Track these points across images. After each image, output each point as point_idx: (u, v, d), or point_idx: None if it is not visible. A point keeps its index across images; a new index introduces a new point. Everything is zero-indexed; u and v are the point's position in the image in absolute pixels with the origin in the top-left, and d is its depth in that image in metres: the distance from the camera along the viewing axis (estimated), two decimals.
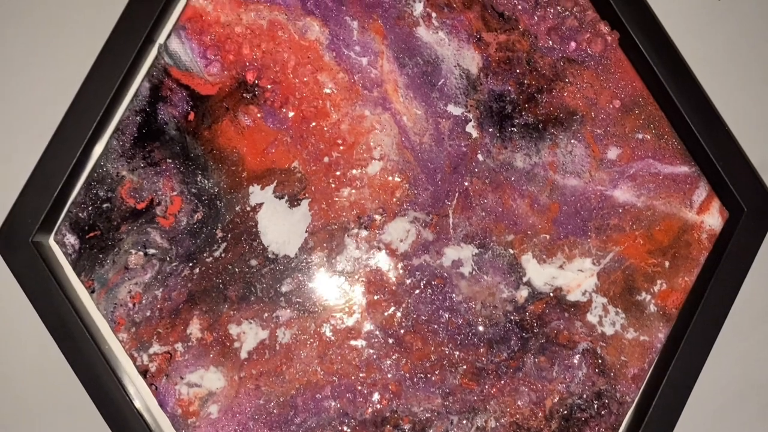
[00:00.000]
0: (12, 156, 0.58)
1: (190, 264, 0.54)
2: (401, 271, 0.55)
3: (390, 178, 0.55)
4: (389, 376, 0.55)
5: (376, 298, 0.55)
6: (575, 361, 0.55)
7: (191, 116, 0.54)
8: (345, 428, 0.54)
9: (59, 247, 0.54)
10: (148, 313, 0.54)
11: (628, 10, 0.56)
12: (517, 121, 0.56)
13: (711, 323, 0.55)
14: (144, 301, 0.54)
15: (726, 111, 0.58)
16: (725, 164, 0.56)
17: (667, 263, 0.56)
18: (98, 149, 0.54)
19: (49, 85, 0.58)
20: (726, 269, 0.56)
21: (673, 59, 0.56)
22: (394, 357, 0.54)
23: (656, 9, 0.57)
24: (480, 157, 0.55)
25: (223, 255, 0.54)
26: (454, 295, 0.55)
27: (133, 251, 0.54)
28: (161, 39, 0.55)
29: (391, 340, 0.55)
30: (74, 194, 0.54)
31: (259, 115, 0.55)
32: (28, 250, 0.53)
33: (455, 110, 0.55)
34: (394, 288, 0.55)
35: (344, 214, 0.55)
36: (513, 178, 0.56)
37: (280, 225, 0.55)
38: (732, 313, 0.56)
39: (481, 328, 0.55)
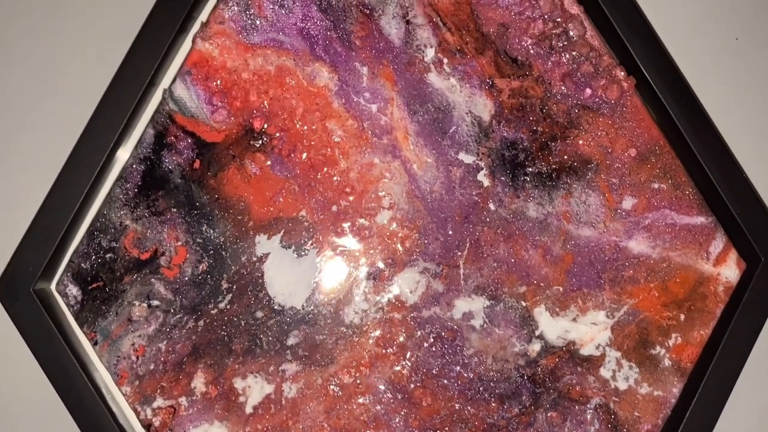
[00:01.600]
0: (13, 202, 0.57)
1: (195, 316, 0.53)
2: (410, 324, 0.54)
3: (399, 228, 0.55)
4: None
5: (384, 351, 0.54)
6: (588, 417, 0.55)
7: (197, 164, 0.54)
8: None
9: (61, 298, 0.53)
10: (151, 366, 0.53)
11: (645, 54, 0.55)
12: (530, 169, 0.55)
13: (726, 377, 0.55)
14: (148, 354, 0.53)
15: (744, 158, 0.57)
16: (743, 213, 0.55)
17: (682, 316, 0.55)
18: (101, 197, 0.54)
19: (51, 131, 0.57)
20: (742, 321, 0.55)
21: (690, 105, 0.55)
22: (403, 413, 0.54)
23: (673, 52, 0.56)
24: (492, 206, 0.55)
25: (228, 307, 0.54)
26: (464, 348, 0.54)
27: (137, 303, 0.53)
28: (165, 84, 0.54)
29: (399, 395, 0.54)
30: (76, 243, 0.53)
31: (266, 162, 0.54)
32: (30, 298, 0.53)
33: (467, 158, 0.55)
34: (403, 341, 0.54)
35: (352, 264, 0.54)
36: (525, 228, 0.55)
37: (287, 276, 0.54)
38: (747, 366, 0.55)
39: (492, 383, 0.54)
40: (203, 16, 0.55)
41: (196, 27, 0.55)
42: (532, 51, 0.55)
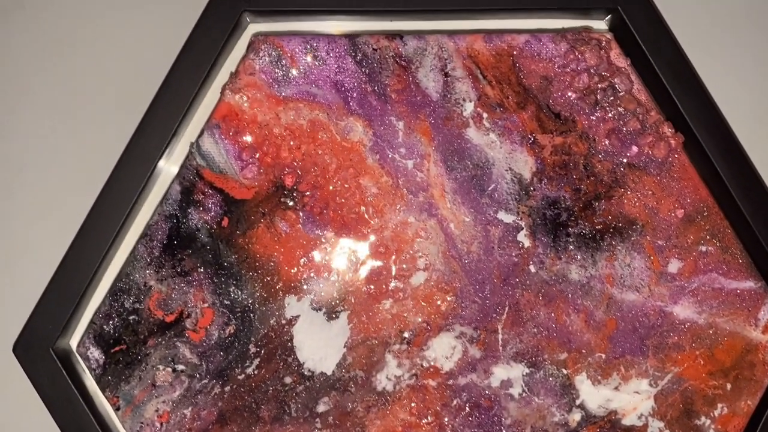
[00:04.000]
0: (33, 258, 0.56)
1: (221, 381, 0.52)
2: (446, 392, 0.53)
3: (435, 290, 0.53)
4: None
5: (418, 420, 0.53)
6: None
7: (225, 222, 0.52)
8: None
9: (83, 361, 0.52)
10: None
11: (693, 109, 0.53)
12: (572, 230, 0.53)
13: None
14: (172, 421, 0.52)
15: None
16: None
17: (728, 385, 0.54)
18: (124, 255, 0.52)
19: (72, 185, 0.56)
20: None
21: (740, 163, 0.53)
22: None
23: (723, 108, 0.55)
24: (532, 268, 0.53)
25: (255, 372, 0.52)
26: (502, 418, 0.53)
27: (161, 367, 0.52)
28: (191, 136, 0.53)
29: None
30: (98, 304, 0.52)
31: (297, 221, 0.52)
32: (49, 359, 0.52)
33: (506, 217, 0.53)
34: (438, 410, 0.53)
35: (385, 328, 0.53)
36: (567, 292, 0.53)
37: (317, 339, 0.53)
38: None
39: None
40: (230, 64, 0.54)
41: (221, 76, 0.54)
42: (576, 106, 0.53)
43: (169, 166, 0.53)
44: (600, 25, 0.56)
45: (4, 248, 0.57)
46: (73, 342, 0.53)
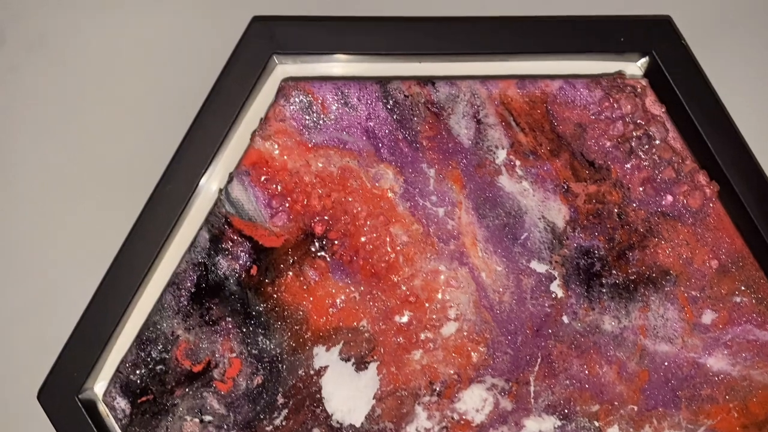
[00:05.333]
0: (57, 304, 0.55)
1: None
2: None
3: (466, 341, 0.53)
4: None
5: None
6: None
7: (254, 270, 0.52)
8: None
9: (109, 411, 0.51)
10: None
11: (729, 157, 0.53)
12: (606, 280, 0.53)
13: None
14: None
15: None
16: None
17: None
18: (150, 303, 0.52)
19: (98, 228, 0.56)
20: None
21: None
22: None
23: (759, 156, 0.54)
24: (565, 319, 0.53)
25: (283, 423, 0.52)
26: None
27: (189, 418, 0.51)
28: (221, 184, 0.52)
29: None
30: (125, 353, 0.52)
31: (327, 269, 0.52)
32: (75, 408, 0.51)
33: (539, 267, 0.53)
34: None
35: (415, 379, 0.52)
36: (600, 343, 0.53)
37: (346, 390, 0.52)
38: None
39: None
40: (258, 106, 0.53)
41: (248, 119, 0.53)
42: (610, 154, 0.53)
43: (196, 213, 0.53)
44: (633, 67, 0.55)
45: (29, 294, 0.56)
46: (98, 389, 0.53)
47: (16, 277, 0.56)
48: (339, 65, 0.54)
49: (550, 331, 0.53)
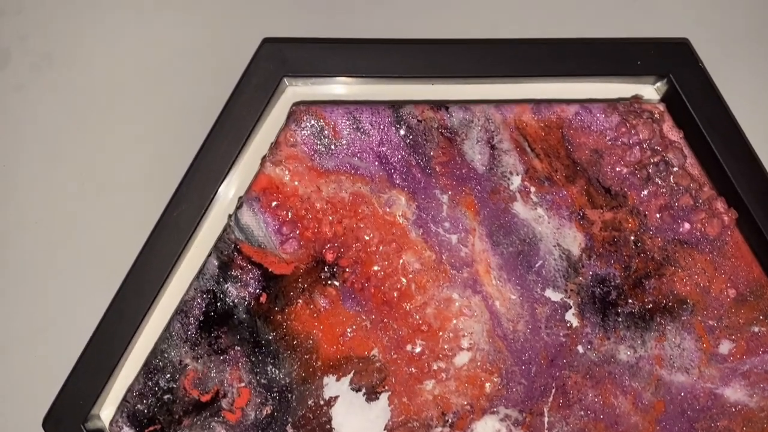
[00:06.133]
0: (64, 331, 0.55)
1: None
2: None
3: (479, 370, 0.52)
4: None
5: None
6: None
7: (263, 298, 0.51)
8: None
9: None
10: None
11: (748, 184, 0.52)
12: (621, 309, 0.52)
13: None
14: None
15: None
16: None
17: None
18: (155, 329, 0.51)
19: (105, 255, 0.55)
20: None
21: None
22: None
23: None
24: (580, 348, 0.52)
25: None
26: None
27: None
28: (231, 209, 0.51)
29: None
30: (132, 381, 0.51)
31: (337, 297, 0.51)
32: None
33: (554, 295, 0.52)
34: None
35: (427, 410, 0.52)
36: (615, 373, 0.52)
37: (356, 421, 0.51)
38: None
39: None
40: (268, 127, 0.53)
41: (258, 142, 0.52)
42: (627, 180, 0.52)
43: (205, 238, 0.52)
44: (649, 90, 0.54)
45: (35, 320, 0.56)
46: (105, 417, 0.52)
47: (22, 302, 0.56)
48: (351, 87, 0.54)
49: (564, 360, 0.52)
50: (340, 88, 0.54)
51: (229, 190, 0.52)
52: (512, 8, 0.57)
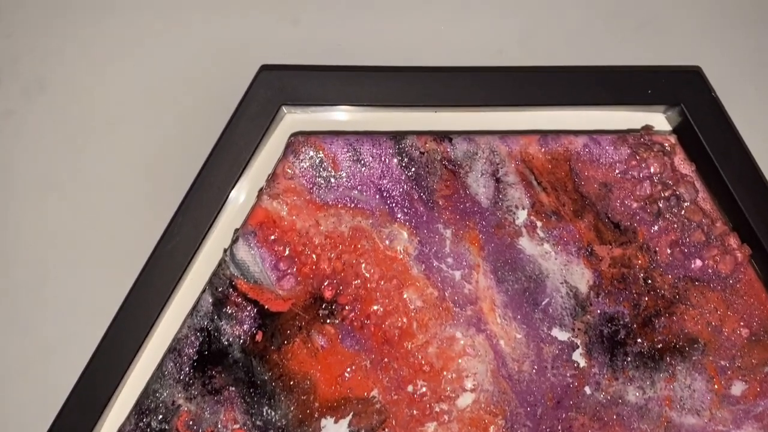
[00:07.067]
0: (52, 371, 0.53)
1: None
2: None
3: (483, 413, 0.50)
4: None
5: None
6: None
7: (259, 336, 0.49)
8: None
9: None
10: None
11: (762, 220, 0.50)
12: (630, 348, 0.50)
13: None
14: None
15: None
16: None
17: None
18: (146, 368, 0.49)
19: (98, 289, 0.53)
20: None
21: None
22: None
23: None
24: (588, 389, 0.50)
25: None
26: None
27: None
28: (226, 244, 0.50)
29: None
30: (123, 422, 0.49)
31: (336, 335, 0.49)
32: None
33: (561, 334, 0.50)
34: None
35: None
36: (623, 415, 0.50)
37: None
38: None
39: None
40: (266, 156, 0.51)
41: (256, 171, 0.51)
42: (637, 215, 0.50)
43: (199, 274, 0.50)
44: (659, 118, 0.53)
45: (24, 357, 0.54)
46: None
47: (11, 339, 0.54)
48: (351, 114, 0.52)
49: (571, 402, 0.50)
50: (341, 115, 0.52)
51: (225, 223, 0.50)
52: (518, 34, 0.56)
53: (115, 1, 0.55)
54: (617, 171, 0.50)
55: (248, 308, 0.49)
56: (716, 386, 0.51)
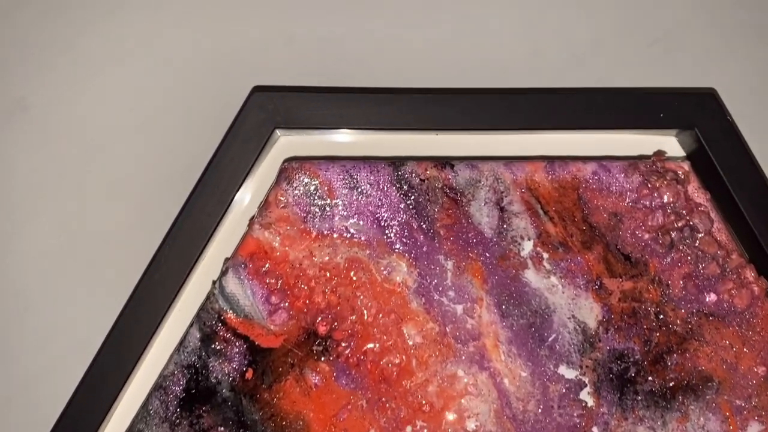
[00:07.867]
0: (33, 409, 0.50)
1: None
2: None
3: None
4: None
5: None
6: None
7: (249, 373, 0.47)
8: None
9: None
10: None
11: None
12: (641, 387, 0.48)
13: None
14: None
15: None
16: None
17: None
18: (134, 408, 0.47)
19: (84, 319, 0.51)
20: None
21: None
22: None
23: None
24: (596, 430, 0.48)
25: None
26: None
27: None
28: (215, 276, 0.47)
29: None
30: None
31: (330, 373, 0.47)
32: None
33: (568, 372, 0.48)
34: None
35: None
36: None
37: None
38: None
39: None
40: (258, 181, 0.49)
41: (245, 203, 0.48)
42: (648, 247, 0.48)
43: (186, 307, 0.48)
44: (672, 141, 0.50)
45: (1, 399, 0.51)
46: None
47: None
48: (347, 137, 0.49)
49: None
50: (337, 137, 0.50)
51: (214, 254, 0.48)
52: (523, 55, 0.53)
53: (103, 20, 0.53)
54: (628, 200, 0.48)
55: (238, 344, 0.47)
56: (731, 427, 0.48)
